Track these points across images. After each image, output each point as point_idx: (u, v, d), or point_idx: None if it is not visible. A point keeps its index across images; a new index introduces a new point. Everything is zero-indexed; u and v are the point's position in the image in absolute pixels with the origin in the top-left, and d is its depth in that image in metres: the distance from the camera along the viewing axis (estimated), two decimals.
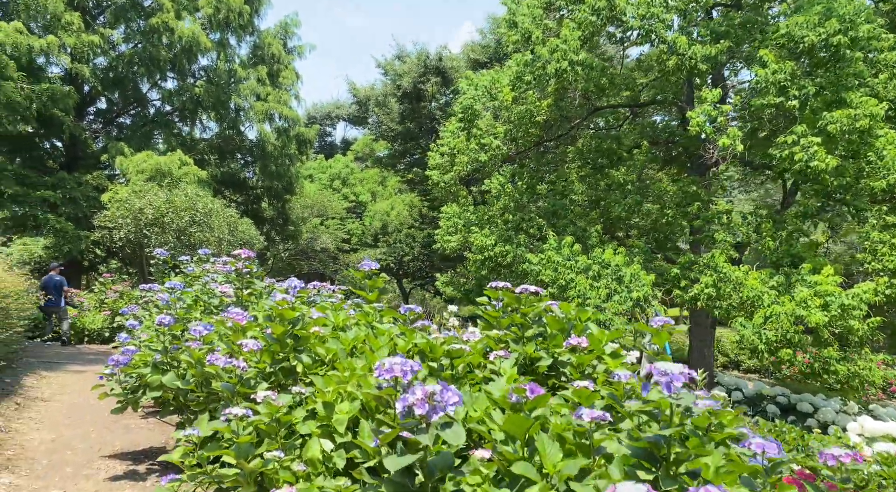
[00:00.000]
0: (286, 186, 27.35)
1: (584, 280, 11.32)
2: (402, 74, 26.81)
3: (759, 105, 10.84)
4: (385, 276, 5.85)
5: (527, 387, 2.45)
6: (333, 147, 50.81)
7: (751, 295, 10.44)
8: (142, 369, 5.36)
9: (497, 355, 3.59)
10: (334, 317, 4.20)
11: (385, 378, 2.28)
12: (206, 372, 3.99)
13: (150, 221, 14.48)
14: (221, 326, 4.39)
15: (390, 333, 3.98)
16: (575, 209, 13.80)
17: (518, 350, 3.79)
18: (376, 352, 3.78)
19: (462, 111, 14.35)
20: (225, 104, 23.22)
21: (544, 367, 3.74)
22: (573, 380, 3.77)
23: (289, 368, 3.84)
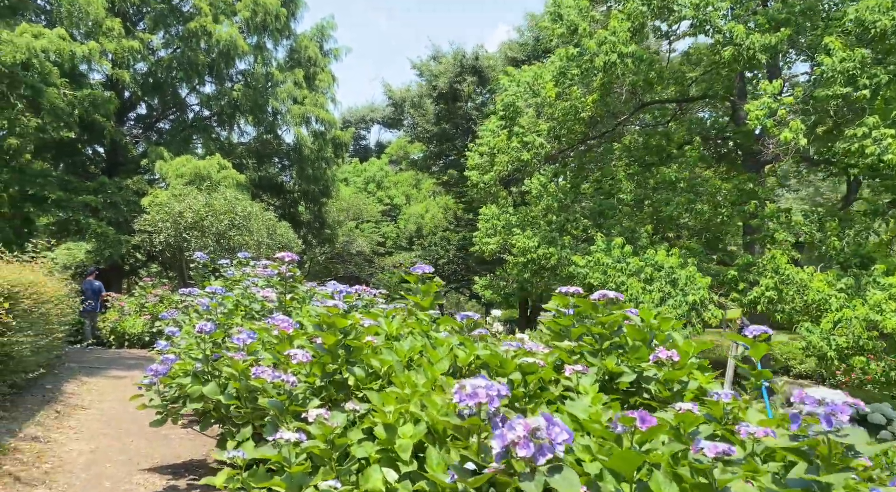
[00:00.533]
0: (322, 190, 27.24)
1: (637, 283, 10.79)
2: (438, 75, 26.48)
3: (824, 96, 10.20)
4: (439, 280, 5.53)
5: (635, 415, 2.03)
6: (368, 150, 50.81)
7: (816, 298, 9.79)
8: (182, 379, 5.07)
9: (574, 371, 3.17)
10: (387, 325, 3.83)
11: (468, 404, 1.88)
12: (250, 385, 3.65)
13: (190, 224, 14.37)
14: (265, 333, 4.05)
15: (449, 344, 3.59)
16: (623, 209, 13.25)
17: (596, 364, 3.36)
18: (435, 365, 3.39)
19: (503, 108, 13.94)
20: (262, 108, 23.18)
21: (626, 383, 3.31)
22: (659, 398, 3.33)
23: (341, 381, 3.48)
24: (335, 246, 31.47)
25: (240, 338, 4.28)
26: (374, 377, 3.49)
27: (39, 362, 8.15)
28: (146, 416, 7.50)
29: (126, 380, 10.35)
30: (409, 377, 3.33)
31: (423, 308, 4.12)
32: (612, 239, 12.17)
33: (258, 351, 4.30)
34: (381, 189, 42.05)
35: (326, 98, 24.87)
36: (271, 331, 3.94)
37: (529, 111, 14.12)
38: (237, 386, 3.68)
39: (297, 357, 3.26)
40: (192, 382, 4.97)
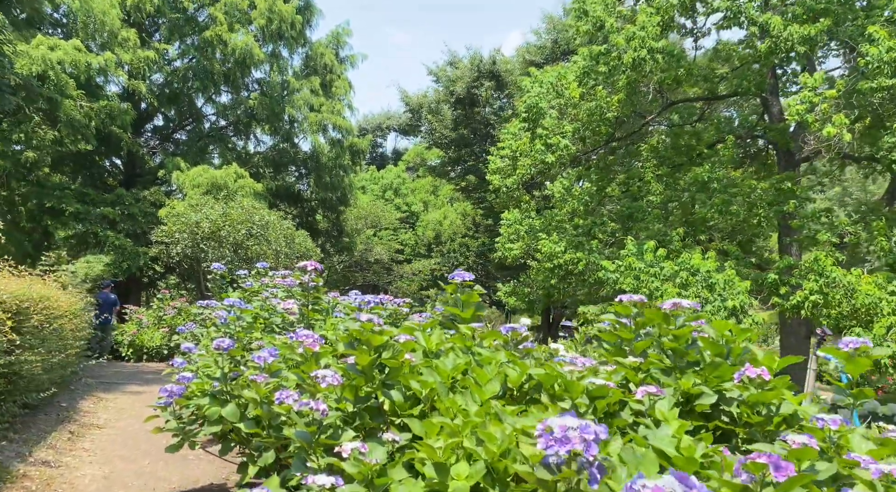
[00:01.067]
0: (340, 198, 26.97)
1: (673, 289, 10.28)
2: (455, 80, 26.14)
3: (868, 89, 9.66)
4: (480, 288, 5.19)
5: (764, 460, 1.59)
6: (385, 158, 50.69)
7: (866, 302, 9.23)
8: (199, 400, 4.69)
9: (647, 393, 2.73)
10: (425, 340, 3.41)
11: (557, 452, 1.46)
12: (273, 412, 3.25)
13: (207, 234, 14.09)
14: (288, 350, 3.65)
15: (497, 361, 3.16)
16: (653, 212, 12.73)
17: (671, 384, 2.92)
18: (484, 386, 2.97)
19: (526, 110, 13.52)
20: (279, 116, 22.97)
21: (705, 406, 2.86)
22: (746, 423, 2.88)
23: (375, 407, 3.06)
24: (353, 254, 31.19)
25: (261, 356, 3.89)
26: (414, 402, 3.07)
27: (53, 380, 7.83)
28: (164, 435, 7.16)
29: (145, 395, 10.02)
30: (453, 402, 2.91)
31: (462, 320, 3.70)
32: (643, 242, 11.67)
33: (281, 371, 3.90)
34: (398, 196, 41.80)
35: (343, 105, 24.62)
36: (295, 348, 3.54)
37: (553, 112, 13.68)
38: (259, 413, 3.28)
39: (325, 380, 2.85)
40: (210, 403, 4.60)
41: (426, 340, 3.40)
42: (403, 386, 3.12)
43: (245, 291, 8.40)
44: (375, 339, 2.91)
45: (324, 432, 2.72)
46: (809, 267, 10.34)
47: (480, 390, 2.94)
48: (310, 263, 5.18)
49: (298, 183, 28.26)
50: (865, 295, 9.25)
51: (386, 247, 33.00)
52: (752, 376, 2.74)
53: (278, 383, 3.52)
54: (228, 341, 4.55)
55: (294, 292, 6.21)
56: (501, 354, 3.28)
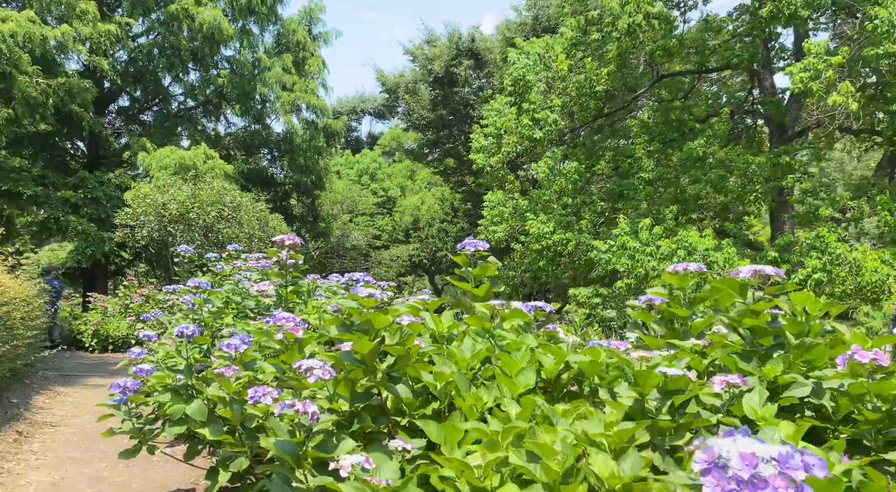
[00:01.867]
0: (315, 181, 26.09)
1: None
2: (433, 58, 25.34)
3: (874, 55, 9.18)
4: (496, 260, 4.72)
5: None
6: (359, 142, 49.60)
7: (873, 279, 8.81)
8: (160, 396, 4.01)
9: (728, 383, 2.13)
10: (434, 321, 2.77)
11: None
12: (246, 413, 2.60)
13: (175, 217, 13.25)
14: (264, 337, 2.99)
15: (528, 346, 2.54)
16: (645, 189, 12.21)
17: (752, 372, 2.32)
18: (515, 377, 2.35)
19: (512, 83, 12.87)
20: (250, 95, 21.98)
21: (794, 399, 2.28)
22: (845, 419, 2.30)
23: (377, 406, 2.43)
24: (329, 240, 30.33)
25: (230, 344, 3.23)
26: (425, 399, 2.44)
27: (1, 373, 7.06)
28: (124, 436, 6.45)
29: (106, 389, 9.24)
30: (477, 398, 2.29)
31: (476, 299, 3.07)
32: (636, 221, 11.16)
33: (255, 361, 3.25)
34: (374, 181, 40.92)
35: (317, 84, 23.71)
36: (272, 334, 2.88)
37: (540, 85, 13.04)
38: (228, 415, 2.62)
39: (314, 373, 2.20)
40: (172, 399, 3.93)
41: (436, 322, 2.76)
42: (411, 379, 2.49)
43: (215, 275, 7.73)
44: (379, 320, 2.27)
45: (313, 440, 2.08)
46: (811, 244, 9.91)
47: (511, 383, 2.32)
48: (287, 237, 4.49)
49: (271, 166, 27.30)
50: (872, 272, 8.83)
51: (363, 232, 32.18)
52: (863, 362, 2.16)
53: (252, 376, 2.86)
54: (193, 327, 3.87)
55: (269, 273, 5.54)
56: (530, 338, 2.66)
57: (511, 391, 2.33)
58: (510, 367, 2.43)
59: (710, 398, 2.20)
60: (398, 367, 2.33)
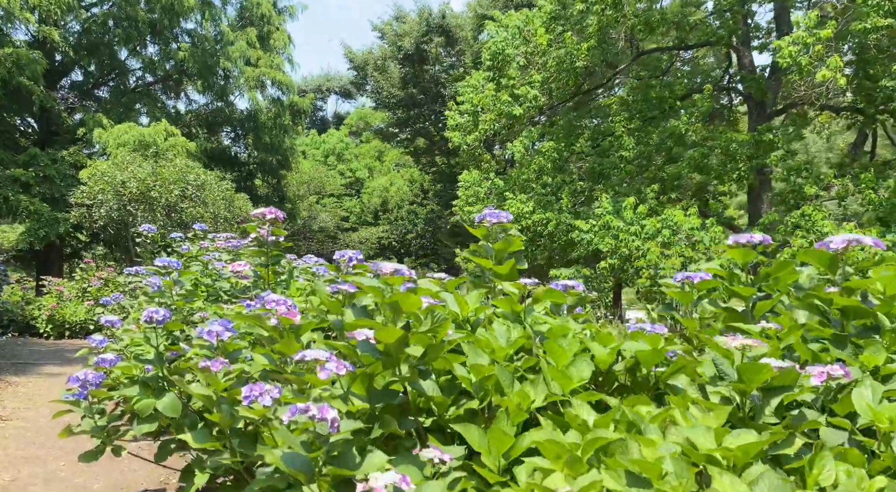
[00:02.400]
0: (281, 161, 25.31)
1: (656, 248, 9.52)
2: (403, 35, 24.68)
3: (861, 30, 8.99)
4: (519, 234, 4.40)
5: None
6: (325, 122, 48.56)
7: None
8: (126, 389, 3.53)
9: (830, 375, 1.78)
10: (458, 303, 2.36)
11: None
12: (238, 416, 2.16)
13: (135, 196, 12.53)
14: (253, 323, 2.55)
15: (575, 333, 2.15)
16: (626, 168, 11.93)
17: (849, 361, 1.98)
18: (567, 369, 1.96)
19: (490, 58, 12.42)
20: (212, 70, 21.07)
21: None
22: None
23: (397, 406, 2.02)
24: (296, 222, 29.60)
25: (210, 331, 2.78)
26: (456, 396, 2.04)
27: None
28: None
29: (63, 378, 8.63)
30: (523, 395, 1.90)
31: (500, 277, 2.67)
32: (618, 200, 10.88)
33: (240, 351, 2.81)
34: (341, 162, 40.11)
35: (283, 59, 22.88)
36: (263, 319, 2.44)
37: (520, 60, 12.62)
38: (216, 419, 2.17)
39: (326, 367, 1.78)
40: (140, 393, 3.44)
41: (460, 305, 2.35)
42: (435, 372, 2.08)
43: (181, 256, 7.19)
44: (410, 302, 1.85)
45: (332, 452, 1.66)
46: (795, 223, 9.76)
47: (562, 376, 1.93)
48: (268, 211, 4.02)
49: (235, 145, 26.41)
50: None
51: (331, 214, 31.50)
52: None
53: (241, 370, 2.42)
54: (163, 311, 3.38)
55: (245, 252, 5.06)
56: (572, 323, 2.28)
57: (562, 386, 1.94)
58: (557, 357, 2.04)
59: (806, 393, 1.85)
60: (428, 359, 1.93)
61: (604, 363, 2.08)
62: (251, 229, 4.11)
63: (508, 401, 1.89)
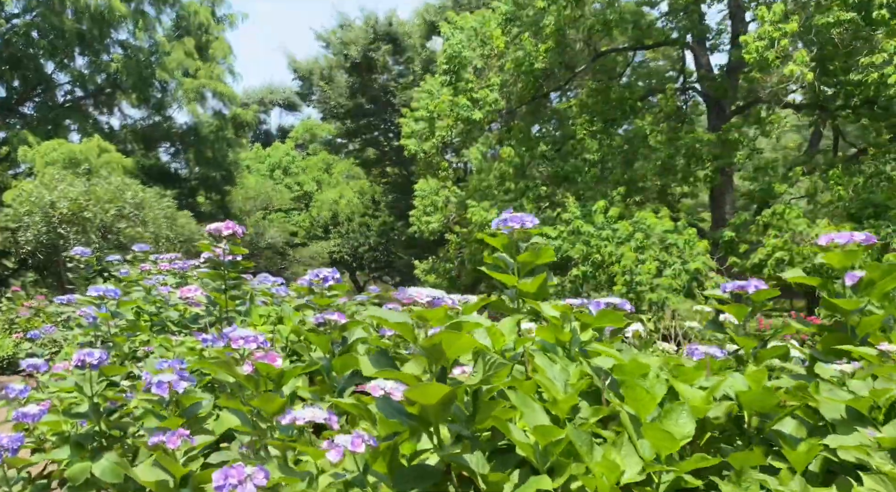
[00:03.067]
0: (225, 176, 24.27)
1: (630, 253, 9.16)
2: (349, 43, 24.04)
3: (824, 24, 8.88)
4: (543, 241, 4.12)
5: None
6: (269, 136, 47.24)
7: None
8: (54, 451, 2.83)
9: None
10: (493, 336, 1.80)
11: None
12: None
13: (66, 217, 11.52)
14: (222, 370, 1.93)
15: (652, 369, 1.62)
16: (591, 171, 11.61)
17: None
18: (663, 424, 1.43)
19: (447, 61, 11.95)
20: (148, 81, 19.97)
21: None
22: None
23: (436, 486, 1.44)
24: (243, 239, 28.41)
25: (161, 383, 2.15)
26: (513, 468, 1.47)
27: None
28: None
29: None
30: (610, 465, 1.35)
31: (527, 296, 2.13)
32: (586, 204, 10.53)
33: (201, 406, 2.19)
34: (288, 176, 39.00)
35: (224, 70, 21.94)
36: (233, 365, 1.83)
37: (477, 63, 12.19)
38: None
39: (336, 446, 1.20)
40: (72, 455, 2.75)
41: (493, 337, 1.79)
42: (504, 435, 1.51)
43: (120, 281, 6.41)
44: (459, 344, 1.28)
45: None
46: (767, 222, 9.57)
47: (660, 435, 1.39)
48: (226, 225, 3.38)
49: (174, 161, 25.24)
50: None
51: (280, 229, 30.47)
52: None
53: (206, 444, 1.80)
54: (99, 353, 2.71)
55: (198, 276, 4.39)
56: (649, 358, 1.75)
57: (659, 448, 1.41)
58: (642, 405, 1.50)
59: None
60: (478, 420, 1.37)
61: (700, 411, 1.56)
62: (204, 248, 3.45)
63: (590, 477, 1.35)
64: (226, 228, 3.41)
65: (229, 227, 3.43)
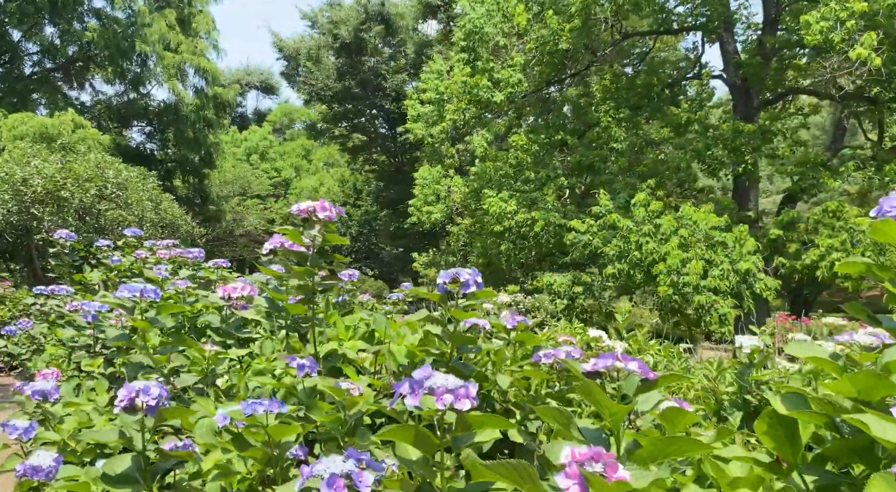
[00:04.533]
0: (205, 158, 22.89)
1: (677, 251, 8.37)
2: (339, 22, 22.83)
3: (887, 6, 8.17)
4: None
5: None
6: (245, 119, 45.63)
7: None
8: None
9: None
10: None
11: None
12: None
13: (40, 196, 10.30)
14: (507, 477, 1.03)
15: None
16: (618, 161, 10.81)
17: None
18: None
19: (465, 37, 10.99)
20: (127, 54, 18.56)
21: None
22: None
23: None
24: (221, 226, 27.03)
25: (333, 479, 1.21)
26: None
27: None
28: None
29: None
30: None
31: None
32: (617, 196, 9.73)
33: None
34: (265, 161, 37.63)
35: (207, 45, 20.57)
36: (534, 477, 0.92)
37: (500, 40, 11.25)
38: None
39: None
40: None
41: None
42: None
43: (110, 270, 5.51)
44: None
45: None
46: (818, 220, 8.87)
47: None
48: (321, 205, 2.44)
49: (150, 141, 23.77)
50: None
51: (259, 216, 29.18)
52: None
53: None
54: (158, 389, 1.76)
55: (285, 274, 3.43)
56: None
57: None
58: None
59: None
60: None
61: None
62: (293, 238, 2.50)
63: None
64: (321, 208, 2.46)
65: (324, 206, 2.48)
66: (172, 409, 1.85)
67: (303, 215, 2.60)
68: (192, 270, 5.59)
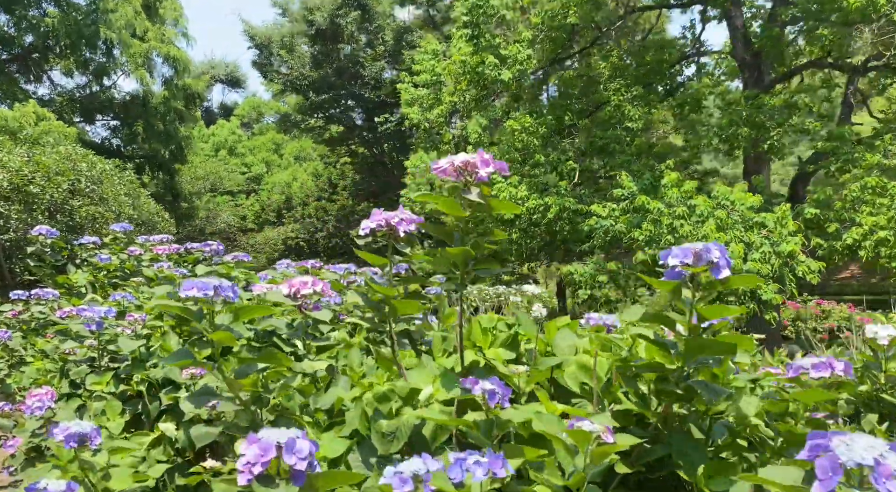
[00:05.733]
0: (175, 153, 21.68)
1: (716, 233, 7.78)
2: (314, 9, 21.82)
3: None
4: None
5: None
6: (211, 114, 44.06)
7: None
8: None
9: None
10: None
11: None
12: None
13: (6, 191, 9.27)
14: None
15: None
16: (636, 141, 10.20)
17: None
18: None
19: (468, 10, 10.23)
20: (90, 42, 17.33)
21: None
22: None
23: None
24: (194, 223, 25.80)
25: None
26: None
27: None
28: None
29: None
30: None
31: None
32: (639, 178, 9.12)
33: None
34: (234, 156, 36.35)
35: (176, 32, 19.40)
36: None
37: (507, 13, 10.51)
38: None
39: None
40: None
41: None
42: None
43: (99, 270, 4.78)
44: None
45: None
46: (857, 197, 8.38)
47: None
48: (481, 159, 1.72)
49: (115, 136, 22.45)
50: None
51: (233, 213, 28.01)
52: None
53: None
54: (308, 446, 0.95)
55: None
56: None
57: None
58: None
59: None
60: None
61: None
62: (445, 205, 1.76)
63: None
64: (482, 162, 1.74)
65: (487, 161, 1.76)
66: (327, 474, 1.18)
67: (447, 175, 1.88)
68: (208, 266, 4.88)
